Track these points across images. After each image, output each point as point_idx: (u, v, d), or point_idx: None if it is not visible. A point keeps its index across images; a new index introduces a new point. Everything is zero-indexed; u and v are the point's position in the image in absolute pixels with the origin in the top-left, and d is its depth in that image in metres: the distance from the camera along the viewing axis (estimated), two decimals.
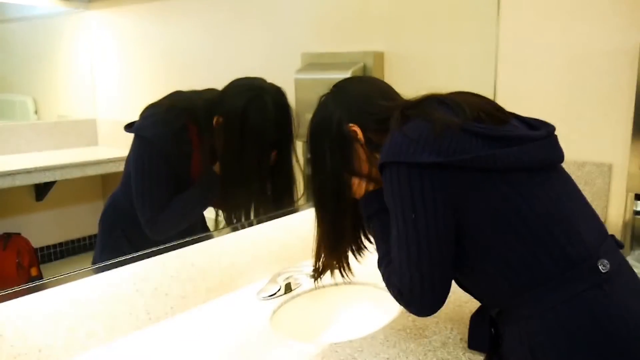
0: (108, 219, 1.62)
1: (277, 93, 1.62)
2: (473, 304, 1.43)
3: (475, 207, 0.99)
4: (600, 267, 0.97)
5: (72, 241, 1.87)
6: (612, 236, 1.06)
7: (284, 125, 1.63)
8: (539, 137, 1.04)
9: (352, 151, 1.21)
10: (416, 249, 1.01)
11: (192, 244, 1.46)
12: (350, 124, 1.19)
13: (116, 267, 1.30)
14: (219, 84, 1.72)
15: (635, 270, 1.07)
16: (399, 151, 1.01)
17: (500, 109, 1.10)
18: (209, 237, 1.51)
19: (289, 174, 1.70)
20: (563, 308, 0.96)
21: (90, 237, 1.94)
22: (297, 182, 1.75)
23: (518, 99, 2.11)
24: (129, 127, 1.54)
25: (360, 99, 1.22)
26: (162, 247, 1.40)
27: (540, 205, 0.99)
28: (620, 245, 1.07)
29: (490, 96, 2.09)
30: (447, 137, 0.99)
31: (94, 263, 1.40)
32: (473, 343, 1.23)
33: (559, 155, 1.07)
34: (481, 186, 0.99)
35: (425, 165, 0.98)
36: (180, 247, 1.43)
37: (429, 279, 1.02)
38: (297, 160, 1.74)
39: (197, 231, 1.57)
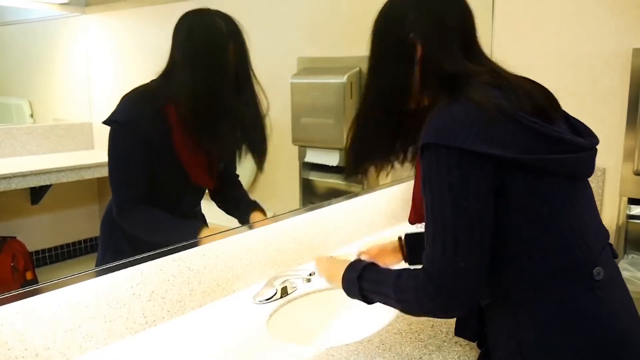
0: (109, 222, 1.62)
1: (220, 13, 1.58)
2: None
3: (506, 201, 0.97)
4: (594, 273, 0.98)
5: (68, 245, 1.87)
6: (610, 245, 1.07)
7: (236, 39, 1.58)
8: (588, 147, 1.03)
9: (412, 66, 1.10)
10: (458, 238, 0.95)
11: (189, 247, 1.46)
12: (416, 37, 1.09)
13: (113, 271, 1.30)
14: None
15: (628, 273, 1.09)
16: (448, 134, 0.95)
17: (553, 105, 1.07)
18: (206, 240, 1.51)
19: (255, 104, 1.65)
20: (554, 308, 0.97)
21: (85, 240, 1.94)
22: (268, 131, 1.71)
23: None
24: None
25: (443, 30, 1.09)
26: (159, 251, 1.40)
27: (568, 212, 0.99)
28: (614, 255, 1.08)
29: None
30: (499, 126, 0.96)
31: (97, 265, 1.40)
32: (459, 330, 1.24)
33: (593, 168, 1.06)
34: (521, 182, 0.97)
35: (475, 154, 0.94)
36: (177, 251, 1.43)
37: (465, 270, 0.95)
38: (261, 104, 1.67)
39: (194, 235, 1.57)
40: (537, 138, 0.97)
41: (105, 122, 1.53)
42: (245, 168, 2.49)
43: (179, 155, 1.59)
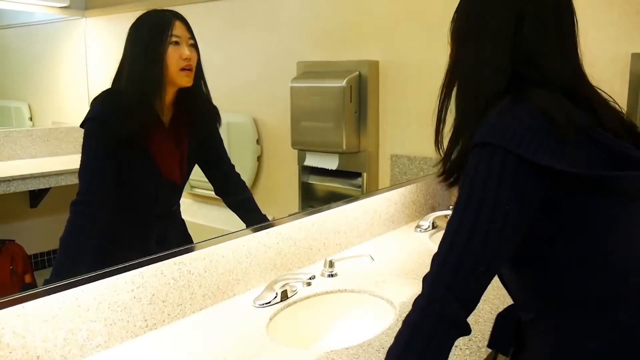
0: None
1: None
2: None
3: (551, 215, 0.91)
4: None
5: None
6: None
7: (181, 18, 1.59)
8: None
9: None
10: (486, 241, 0.86)
11: (189, 251, 1.46)
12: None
13: (114, 274, 1.29)
14: (215, 92, 1.72)
15: None
16: (508, 136, 0.86)
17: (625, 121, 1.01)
18: (206, 244, 1.51)
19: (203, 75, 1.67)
20: (601, 332, 0.92)
21: None
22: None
23: None
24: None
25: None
26: (159, 254, 1.40)
27: (620, 233, 0.93)
28: None
29: None
30: (565, 138, 0.88)
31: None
32: (493, 342, 1.15)
33: None
34: (573, 199, 0.90)
35: (533, 164, 0.86)
36: (178, 255, 1.43)
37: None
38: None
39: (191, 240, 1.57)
40: (602, 151, 0.91)
41: (81, 125, 1.52)
42: (243, 169, 2.49)
43: (150, 148, 1.59)
